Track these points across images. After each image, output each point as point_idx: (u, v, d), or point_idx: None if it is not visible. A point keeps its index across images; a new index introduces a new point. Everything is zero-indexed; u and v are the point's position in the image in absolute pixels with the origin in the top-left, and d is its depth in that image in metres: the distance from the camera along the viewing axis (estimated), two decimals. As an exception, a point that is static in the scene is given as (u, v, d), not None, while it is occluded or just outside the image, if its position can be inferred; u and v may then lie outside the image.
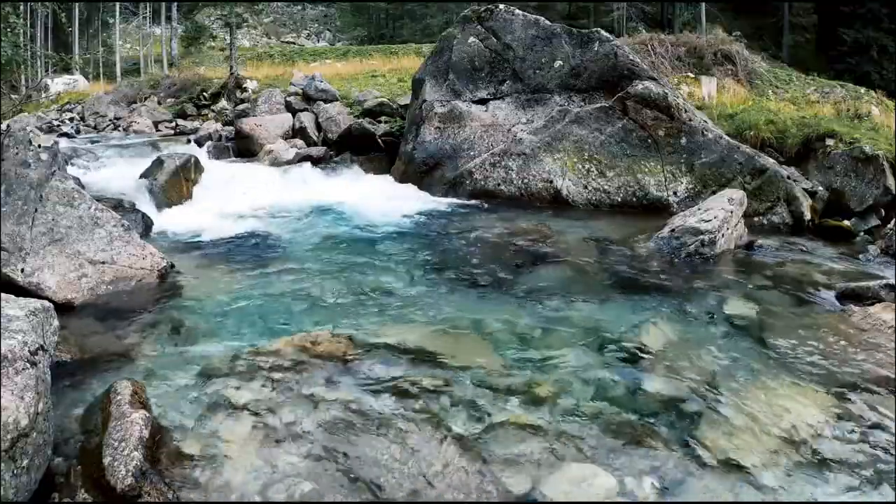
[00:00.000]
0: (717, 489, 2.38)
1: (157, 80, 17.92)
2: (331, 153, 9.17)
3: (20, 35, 9.61)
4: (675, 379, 3.12)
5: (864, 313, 3.92)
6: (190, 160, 7.31)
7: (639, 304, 4.11)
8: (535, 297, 4.21)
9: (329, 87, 11.45)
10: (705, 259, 5.07)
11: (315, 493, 2.30)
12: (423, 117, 8.00)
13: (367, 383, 3.03)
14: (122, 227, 4.53)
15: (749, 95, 11.42)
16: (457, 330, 3.65)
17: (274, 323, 3.71)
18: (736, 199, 5.67)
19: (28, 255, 3.99)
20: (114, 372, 3.07)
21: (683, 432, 2.71)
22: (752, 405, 2.91)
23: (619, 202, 6.96)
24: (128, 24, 36.04)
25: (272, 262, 4.95)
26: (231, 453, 2.49)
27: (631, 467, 2.46)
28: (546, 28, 7.84)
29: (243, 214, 6.53)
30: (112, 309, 3.95)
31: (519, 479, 2.40)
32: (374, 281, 4.48)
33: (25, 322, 2.41)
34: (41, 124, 13.08)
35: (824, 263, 5.22)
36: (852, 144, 7.05)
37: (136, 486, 2.16)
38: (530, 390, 3.00)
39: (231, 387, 2.96)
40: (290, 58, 24.80)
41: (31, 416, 2.11)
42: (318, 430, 2.65)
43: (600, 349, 3.44)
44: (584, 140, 7.26)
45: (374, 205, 6.94)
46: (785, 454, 2.58)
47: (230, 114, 12.87)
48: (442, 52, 8.40)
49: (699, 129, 7.01)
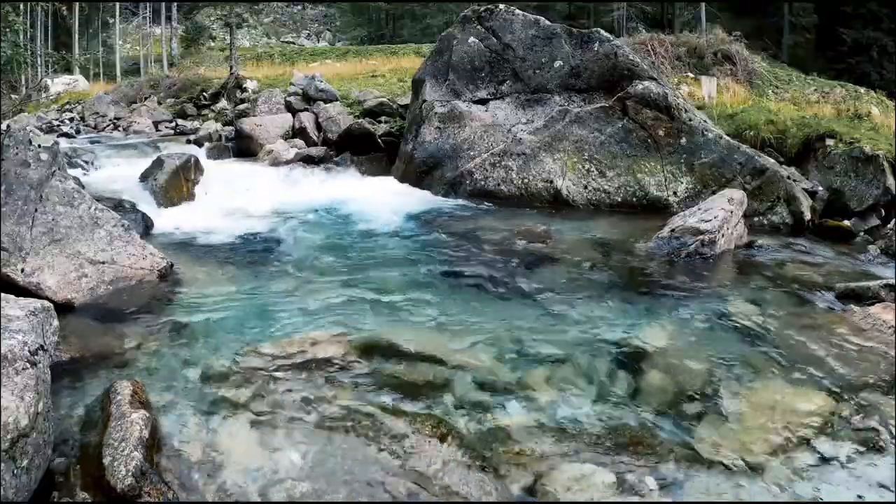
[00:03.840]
0: (717, 489, 2.39)
1: (157, 80, 17.91)
2: (331, 153, 9.16)
3: (20, 35, 9.60)
4: (675, 379, 3.12)
5: (864, 313, 3.92)
6: (190, 160, 7.30)
7: (639, 304, 4.11)
8: (536, 296, 4.21)
9: (329, 87, 11.45)
10: (705, 259, 5.07)
11: (315, 493, 2.31)
12: (423, 117, 7.99)
13: (367, 383, 3.03)
14: (122, 227, 4.53)
15: (749, 95, 11.42)
16: (457, 330, 3.65)
17: (274, 323, 3.71)
18: (736, 199, 5.67)
19: (28, 255, 3.99)
20: (114, 372, 3.07)
21: (683, 432, 2.71)
22: (752, 405, 2.91)
23: (619, 202, 6.96)
24: (128, 24, 36.06)
25: (272, 262, 4.96)
26: (231, 453, 2.49)
27: (631, 467, 2.46)
28: (546, 28, 7.83)
29: (243, 214, 6.53)
30: (112, 309, 3.94)
31: (519, 479, 2.40)
32: (373, 281, 4.48)
33: (25, 322, 2.42)
34: (41, 124, 13.08)
35: (824, 263, 5.22)
36: (852, 144, 7.04)
37: (136, 485, 2.16)
38: (530, 390, 3.00)
39: (231, 387, 2.96)
40: (290, 58, 24.81)
41: (31, 416, 2.12)
42: (317, 429, 2.65)
43: (600, 349, 3.44)
44: (584, 140, 7.25)
45: (374, 205, 6.94)
46: (785, 454, 2.58)
47: (230, 114, 12.87)
48: (442, 52, 8.39)
49: (699, 129, 7.01)
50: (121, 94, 16.35)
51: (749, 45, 15.11)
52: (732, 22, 19.80)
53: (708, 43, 14.28)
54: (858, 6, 24.39)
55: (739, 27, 16.14)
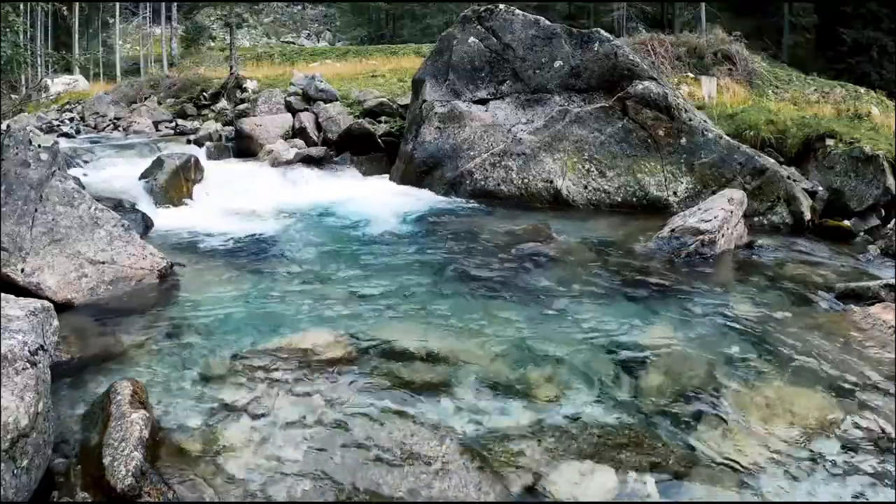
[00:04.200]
0: (717, 489, 2.39)
1: (157, 80, 17.91)
2: (331, 153, 9.16)
3: (20, 35, 9.60)
4: (675, 378, 3.12)
5: (864, 313, 3.92)
6: (190, 160, 7.31)
7: (639, 304, 4.11)
8: (536, 297, 4.21)
9: (329, 87, 11.45)
10: (705, 259, 5.07)
11: (315, 492, 2.31)
12: (423, 117, 8.00)
13: (367, 383, 3.03)
14: (122, 227, 4.53)
15: (749, 95, 11.42)
16: (457, 330, 3.65)
17: (274, 323, 3.71)
18: (736, 199, 5.67)
19: (28, 255, 3.99)
20: (114, 372, 3.07)
21: (683, 432, 2.71)
22: (752, 405, 2.91)
23: (619, 202, 6.96)
24: (128, 24, 36.07)
25: (272, 262, 4.95)
26: (231, 453, 2.49)
27: (631, 467, 2.46)
28: (546, 28, 7.83)
29: (243, 214, 6.53)
30: (112, 309, 3.95)
31: (519, 479, 2.40)
32: (373, 281, 4.48)
33: (25, 322, 2.42)
34: (41, 124, 13.08)
35: (824, 263, 5.22)
36: (852, 144, 7.05)
37: (136, 485, 2.16)
38: (530, 389, 3.00)
39: (231, 386, 2.96)
40: (290, 58, 24.80)
41: (31, 416, 2.12)
42: (317, 429, 2.65)
43: (600, 349, 3.44)
44: (584, 140, 7.26)
45: (374, 205, 6.94)
46: (785, 454, 2.58)
47: (230, 114, 12.87)
48: (442, 52, 8.40)
49: (699, 129, 7.01)
50: (121, 94, 16.34)
51: (749, 45, 15.11)
52: (732, 22, 19.81)
53: (708, 43, 14.29)
54: (858, 6, 24.38)
55: (739, 27, 16.14)
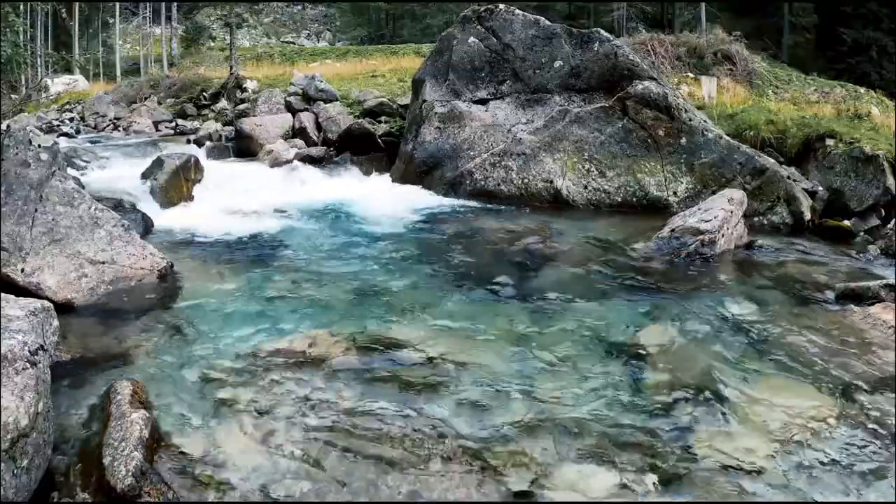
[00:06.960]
0: (716, 489, 2.39)
1: (157, 80, 17.90)
2: (331, 153, 9.16)
3: (20, 35, 9.59)
4: (675, 379, 3.12)
5: (864, 313, 3.92)
6: (190, 160, 7.31)
7: (639, 304, 4.11)
8: (536, 296, 4.21)
9: (329, 87, 11.44)
10: (705, 259, 5.07)
11: (315, 492, 2.31)
12: (423, 117, 8.00)
13: (367, 383, 3.03)
14: (122, 227, 4.53)
15: (749, 95, 11.42)
16: (457, 329, 3.65)
17: (274, 323, 3.71)
18: (736, 199, 5.67)
19: (28, 255, 3.99)
20: (114, 372, 3.07)
21: (683, 432, 2.71)
22: (752, 405, 2.91)
23: (619, 202, 6.96)
24: (128, 24, 36.06)
25: (272, 262, 4.95)
26: (231, 453, 2.49)
27: (631, 467, 2.46)
28: (546, 28, 7.83)
29: (243, 214, 6.53)
30: (112, 309, 3.95)
31: (519, 478, 2.40)
32: (373, 281, 4.48)
33: (25, 322, 2.42)
34: (41, 124, 13.07)
35: (824, 263, 5.21)
36: (852, 144, 7.04)
37: (136, 485, 2.16)
38: (530, 389, 3.00)
39: (231, 386, 2.96)
40: (290, 58, 24.78)
41: (31, 416, 2.12)
42: (317, 429, 2.65)
43: (600, 349, 3.44)
44: (584, 140, 7.26)
45: (374, 205, 6.95)
46: (785, 454, 2.58)
47: (230, 114, 12.86)
48: (442, 52, 8.39)
49: (699, 129, 7.01)
50: (121, 94, 16.33)
51: (749, 45, 15.11)
52: (732, 22, 19.79)
53: (708, 43, 14.28)
54: (858, 6, 24.36)
55: (739, 27, 16.13)
